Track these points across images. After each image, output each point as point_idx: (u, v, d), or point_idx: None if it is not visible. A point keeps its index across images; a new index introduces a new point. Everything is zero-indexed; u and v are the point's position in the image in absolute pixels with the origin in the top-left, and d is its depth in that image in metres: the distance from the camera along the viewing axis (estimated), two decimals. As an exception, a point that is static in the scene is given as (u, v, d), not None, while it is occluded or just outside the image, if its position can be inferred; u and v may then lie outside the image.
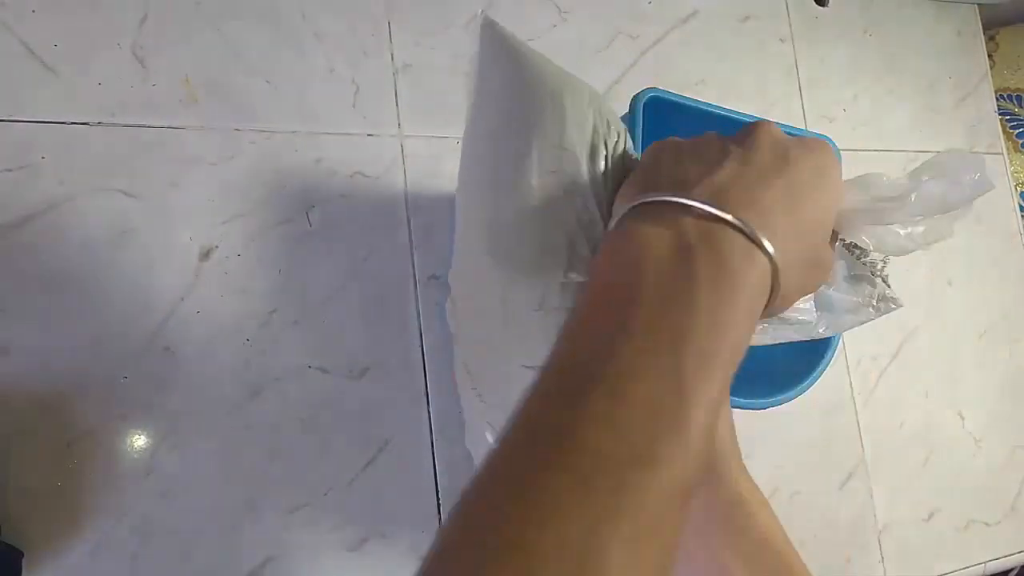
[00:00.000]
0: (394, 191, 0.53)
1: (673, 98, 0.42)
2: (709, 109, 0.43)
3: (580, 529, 0.19)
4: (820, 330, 0.35)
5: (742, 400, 0.40)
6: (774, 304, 0.28)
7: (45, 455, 0.42)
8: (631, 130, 0.39)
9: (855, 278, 0.34)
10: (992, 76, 0.84)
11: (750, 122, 0.30)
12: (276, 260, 0.49)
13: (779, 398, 0.42)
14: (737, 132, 0.30)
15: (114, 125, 0.46)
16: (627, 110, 0.41)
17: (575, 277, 0.31)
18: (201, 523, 0.44)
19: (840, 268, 0.34)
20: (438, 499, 0.51)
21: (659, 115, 0.41)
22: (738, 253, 0.26)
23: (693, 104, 0.43)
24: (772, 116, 0.49)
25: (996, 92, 0.84)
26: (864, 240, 0.31)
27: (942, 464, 0.71)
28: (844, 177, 0.30)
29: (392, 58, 0.55)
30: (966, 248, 0.77)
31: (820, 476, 0.64)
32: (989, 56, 0.85)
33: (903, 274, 0.73)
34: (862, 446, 0.67)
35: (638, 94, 0.41)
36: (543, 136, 0.31)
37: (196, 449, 0.45)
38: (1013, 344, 0.77)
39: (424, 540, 0.50)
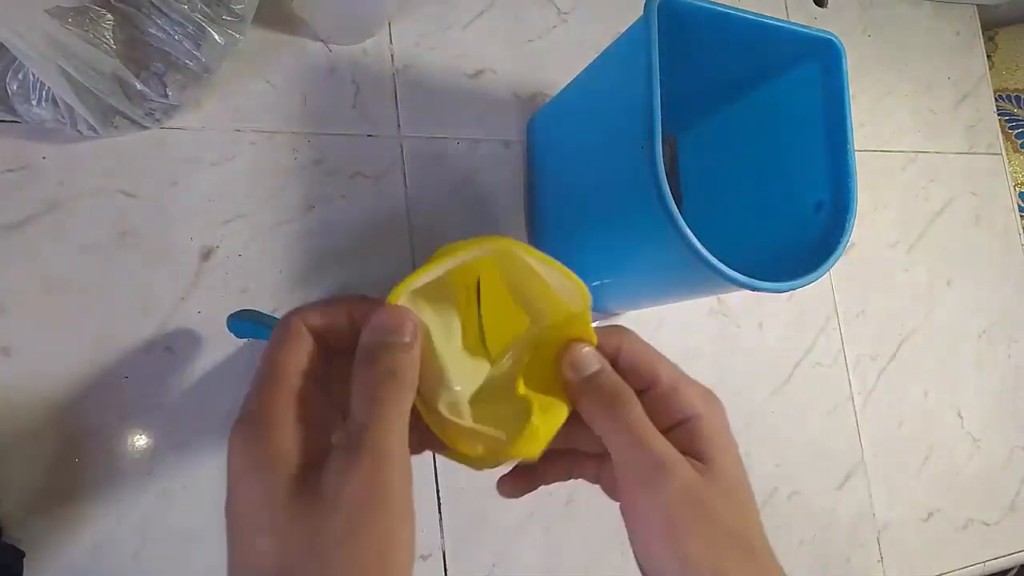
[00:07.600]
0: (394, 191, 0.53)
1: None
2: (732, 13, 0.38)
3: None
4: None
5: (751, 280, 0.37)
6: None
7: (46, 455, 0.42)
8: (645, 40, 0.36)
9: None
10: (991, 77, 0.84)
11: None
12: (276, 260, 0.49)
13: (784, 284, 0.39)
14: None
15: (115, 126, 0.46)
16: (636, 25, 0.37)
17: None
18: (201, 523, 0.45)
19: None
20: (438, 499, 0.51)
21: (675, 22, 0.37)
22: None
23: (713, 7, 0.38)
24: (771, 117, 0.48)
25: (995, 93, 0.84)
26: None
27: (941, 464, 0.71)
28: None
29: (392, 58, 0.55)
30: (965, 248, 0.77)
31: (819, 476, 0.64)
32: (988, 57, 0.85)
33: (902, 274, 0.73)
34: (861, 446, 0.67)
35: None
36: None
37: (197, 449, 0.45)
38: (1012, 344, 0.77)
39: (424, 540, 0.50)
